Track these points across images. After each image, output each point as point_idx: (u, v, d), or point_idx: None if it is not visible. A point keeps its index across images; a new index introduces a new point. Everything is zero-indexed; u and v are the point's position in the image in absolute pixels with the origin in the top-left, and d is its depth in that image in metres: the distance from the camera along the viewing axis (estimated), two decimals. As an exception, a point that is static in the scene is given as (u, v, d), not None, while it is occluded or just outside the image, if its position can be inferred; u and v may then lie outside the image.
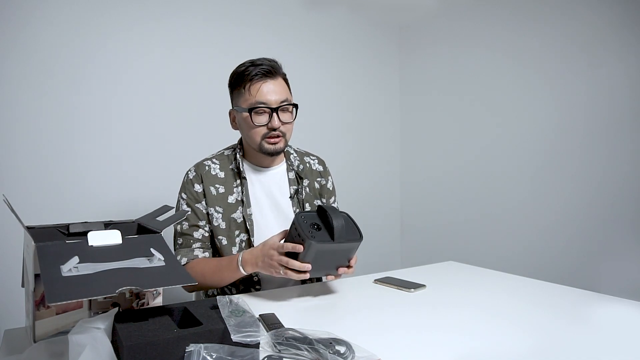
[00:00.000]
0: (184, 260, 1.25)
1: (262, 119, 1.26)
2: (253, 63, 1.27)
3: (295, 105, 1.31)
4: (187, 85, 2.05)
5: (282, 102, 1.26)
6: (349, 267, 1.13)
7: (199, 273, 1.21)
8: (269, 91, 1.25)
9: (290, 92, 1.33)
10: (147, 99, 1.96)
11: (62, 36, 1.77)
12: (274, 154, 1.30)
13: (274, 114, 1.25)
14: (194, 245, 1.28)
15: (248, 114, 1.25)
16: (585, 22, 1.90)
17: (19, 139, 1.71)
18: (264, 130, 1.26)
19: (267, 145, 1.27)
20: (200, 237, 1.29)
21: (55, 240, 0.79)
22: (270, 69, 1.26)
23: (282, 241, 1.11)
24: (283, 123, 1.27)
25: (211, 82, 2.12)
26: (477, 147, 2.36)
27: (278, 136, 1.27)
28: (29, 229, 0.83)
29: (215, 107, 2.12)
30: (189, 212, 1.28)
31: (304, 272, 1.06)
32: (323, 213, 1.12)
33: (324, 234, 1.07)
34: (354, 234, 1.11)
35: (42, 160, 1.74)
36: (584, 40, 1.91)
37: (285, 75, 1.32)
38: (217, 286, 1.26)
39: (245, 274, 1.16)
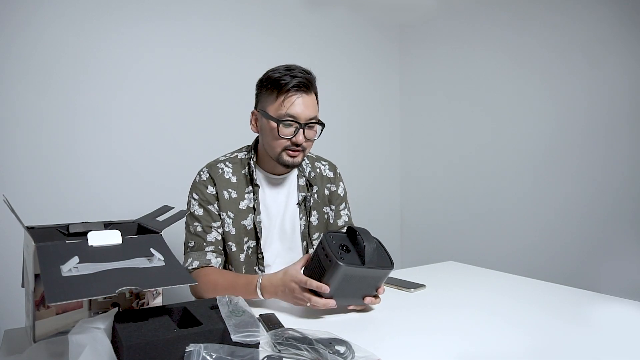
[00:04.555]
0: (195, 264, 1.21)
1: (288, 131, 1.22)
2: (289, 69, 1.23)
3: (322, 124, 1.28)
4: (188, 85, 2.05)
5: (311, 119, 1.24)
6: (376, 296, 1.05)
7: (212, 283, 1.16)
8: (301, 107, 1.22)
9: (318, 108, 1.30)
10: (148, 99, 1.96)
11: (62, 35, 1.77)
12: (291, 167, 1.28)
13: (301, 130, 1.23)
14: (206, 249, 1.25)
15: (276, 124, 1.22)
16: (585, 22, 1.90)
17: (19, 139, 1.71)
18: (287, 142, 1.23)
19: (286, 157, 1.25)
20: (213, 241, 1.25)
21: (55, 241, 0.79)
22: (307, 83, 1.23)
23: (303, 269, 1.05)
24: (307, 140, 1.25)
25: (211, 83, 2.12)
26: (477, 147, 2.36)
27: (298, 151, 1.25)
28: (29, 229, 0.83)
29: (215, 107, 2.13)
30: (200, 214, 1.25)
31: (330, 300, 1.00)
32: (353, 235, 1.05)
33: (353, 257, 1.00)
34: (385, 260, 1.04)
35: (42, 160, 1.74)
36: (584, 40, 1.91)
37: (316, 89, 1.29)
38: None
39: (263, 299, 1.11)
